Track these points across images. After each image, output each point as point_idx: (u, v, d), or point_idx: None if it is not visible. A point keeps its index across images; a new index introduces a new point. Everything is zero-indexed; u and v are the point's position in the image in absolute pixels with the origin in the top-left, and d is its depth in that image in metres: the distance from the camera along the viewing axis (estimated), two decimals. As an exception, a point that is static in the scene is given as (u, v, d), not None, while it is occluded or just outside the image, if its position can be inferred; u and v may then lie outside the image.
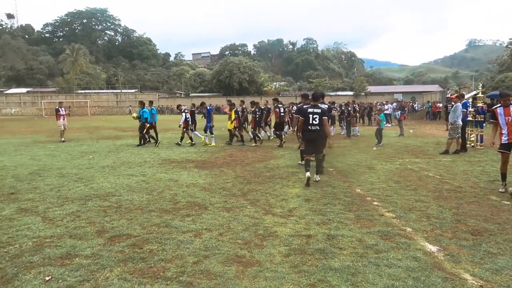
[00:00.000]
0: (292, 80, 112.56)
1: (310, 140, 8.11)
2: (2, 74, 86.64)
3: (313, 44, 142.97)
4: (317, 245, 4.56)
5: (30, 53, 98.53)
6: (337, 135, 20.31)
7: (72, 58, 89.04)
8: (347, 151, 13.64)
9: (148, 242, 4.68)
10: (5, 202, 6.63)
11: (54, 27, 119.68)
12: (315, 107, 8.13)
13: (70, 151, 14.05)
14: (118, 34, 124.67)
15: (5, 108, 67.74)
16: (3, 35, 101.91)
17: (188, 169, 10.01)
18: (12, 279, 3.70)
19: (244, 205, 6.37)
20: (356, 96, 61.41)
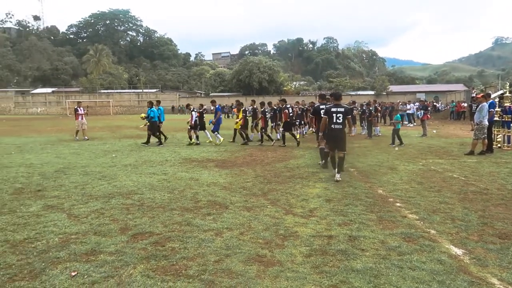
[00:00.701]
0: (312, 79, 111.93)
1: (333, 138, 8.48)
2: (29, 74, 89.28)
3: (334, 43, 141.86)
4: (338, 246, 4.52)
5: (55, 54, 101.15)
6: (358, 135, 20.05)
7: (96, 59, 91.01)
8: (368, 151, 13.48)
9: (170, 240, 4.73)
10: (33, 198, 6.83)
11: (78, 28, 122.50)
12: (338, 107, 8.48)
13: (93, 149, 14.35)
14: (140, 35, 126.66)
15: (31, 107, 69.79)
16: (30, 37, 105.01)
17: (209, 168, 10.09)
18: (40, 274, 3.81)
19: (265, 204, 6.37)
20: (377, 96, 60.57)
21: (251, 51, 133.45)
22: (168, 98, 69.40)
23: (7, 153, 13.19)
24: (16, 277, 3.75)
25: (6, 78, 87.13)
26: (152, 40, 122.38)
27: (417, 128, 23.10)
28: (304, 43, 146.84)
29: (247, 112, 16.32)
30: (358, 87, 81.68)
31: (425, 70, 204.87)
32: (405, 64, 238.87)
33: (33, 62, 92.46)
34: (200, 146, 15.31)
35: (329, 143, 8.75)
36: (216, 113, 16.12)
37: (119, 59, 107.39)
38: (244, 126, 15.97)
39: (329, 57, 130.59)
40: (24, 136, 20.71)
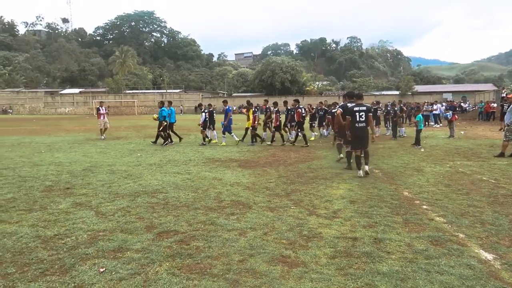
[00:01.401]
0: (335, 79, 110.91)
1: (357, 136, 8.84)
2: (57, 75, 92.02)
3: (357, 42, 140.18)
4: (363, 248, 4.46)
5: (82, 55, 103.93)
6: (382, 135, 19.76)
7: (121, 60, 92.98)
8: (393, 152, 13.24)
9: (194, 238, 4.79)
10: (62, 196, 7.03)
11: (105, 30, 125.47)
12: (360, 106, 8.89)
13: (119, 148, 14.66)
14: (164, 36, 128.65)
15: (60, 107, 71.84)
16: (59, 39, 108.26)
17: (232, 168, 10.14)
18: (70, 269, 3.92)
19: (288, 205, 6.36)
20: (402, 96, 59.47)
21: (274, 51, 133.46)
22: (191, 98, 70.18)
23: (37, 152, 13.64)
24: (48, 271, 3.88)
25: (36, 79, 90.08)
26: (176, 41, 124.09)
27: (443, 129, 22.54)
28: (327, 43, 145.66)
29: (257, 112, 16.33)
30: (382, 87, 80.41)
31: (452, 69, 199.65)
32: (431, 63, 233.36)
33: (62, 63, 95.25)
34: (223, 146, 15.40)
35: (353, 142, 9.01)
36: (226, 114, 16.18)
37: (144, 60, 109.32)
38: (254, 126, 15.93)
39: (352, 56, 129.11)
40: (53, 135, 21.36)
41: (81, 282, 3.65)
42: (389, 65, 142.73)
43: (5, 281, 3.68)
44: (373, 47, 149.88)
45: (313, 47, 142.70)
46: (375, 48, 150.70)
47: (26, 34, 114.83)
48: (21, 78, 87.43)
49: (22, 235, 4.90)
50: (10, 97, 74.01)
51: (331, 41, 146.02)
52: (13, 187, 7.73)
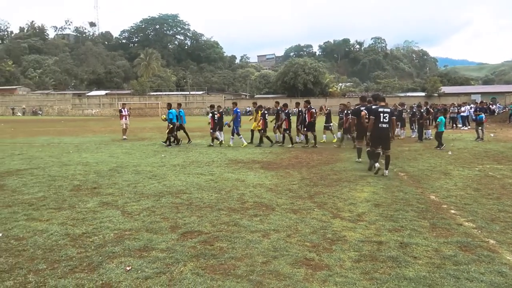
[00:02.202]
0: (358, 81, 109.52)
1: (379, 137, 9.10)
2: (85, 77, 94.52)
3: (382, 43, 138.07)
4: (389, 252, 4.38)
5: (109, 58, 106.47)
6: (408, 138, 19.38)
7: (146, 62, 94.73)
8: (418, 155, 12.97)
9: (218, 239, 4.82)
10: (89, 195, 7.21)
11: (130, 33, 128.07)
12: (385, 107, 9.19)
13: (144, 149, 14.93)
14: (187, 38, 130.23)
15: (87, 108, 73.77)
16: (86, 42, 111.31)
17: (254, 169, 10.16)
18: (97, 267, 4.02)
19: (311, 207, 6.32)
20: (428, 97, 58.18)
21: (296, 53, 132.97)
22: (214, 100, 70.69)
23: (66, 152, 14.04)
24: (77, 269, 3.99)
25: (65, 81, 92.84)
26: (199, 44, 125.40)
27: (472, 131, 21.89)
28: (350, 43, 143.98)
29: (266, 115, 16.31)
30: (407, 89, 78.85)
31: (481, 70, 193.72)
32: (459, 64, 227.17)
33: (89, 66, 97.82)
34: (246, 147, 15.44)
35: (374, 142, 9.27)
36: (233, 115, 16.29)
37: (168, 62, 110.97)
38: (264, 129, 15.93)
39: (376, 57, 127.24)
40: (81, 136, 21.95)
41: (108, 279, 3.74)
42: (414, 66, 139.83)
43: (36, 276, 3.80)
44: (398, 48, 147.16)
45: (336, 48, 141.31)
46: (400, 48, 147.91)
47: (55, 38, 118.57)
48: (51, 80, 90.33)
49: (52, 233, 5.05)
50: (40, 99, 76.59)
51: (355, 42, 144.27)
52: (43, 186, 7.98)
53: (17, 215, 5.87)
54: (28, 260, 4.19)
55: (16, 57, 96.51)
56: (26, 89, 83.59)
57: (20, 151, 14.27)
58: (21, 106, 74.30)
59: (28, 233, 5.07)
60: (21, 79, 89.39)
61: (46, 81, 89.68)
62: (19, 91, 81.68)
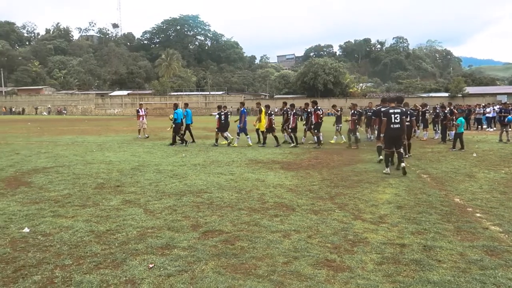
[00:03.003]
0: (379, 81, 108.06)
1: (391, 137, 9.37)
2: (107, 78, 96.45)
3: (404, 43, 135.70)
4: (412, 255, 4.31)
5: (131, 58, 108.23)
6: (430, 139, 19.01)
7: (167, 63, 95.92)
8: (442, 157, 12.69)
9: (239, 239, 4.84)
10: (113, 193, 7.36)
11: (152, 34, 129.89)
12: (395, 108, 9.41)
13: (164, 149, 15.12)
14: (207, 39, 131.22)
15: (109, 108, 75.24)
16: (109, 43, 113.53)
17: (274, 170, 10.15)
18: (121, 264, 4.10)
19: (332, 208, 6.27)
20: (452, 98, 56.88)
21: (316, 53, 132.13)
22: (234, 100, 70.97)
23: (89, 151, 14.36)
24: (101, 265, 4.07)
25: (88, 81, 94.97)
26: (219, 44, 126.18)
27: (497, 133, 21.26)
28: (371, 43, 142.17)
29: (273, 115, 16.31)
30: (430, 89, 77.22)
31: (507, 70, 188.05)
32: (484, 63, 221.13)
33: (112, 66, 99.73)
34: (265, 148, 15.45)
35: (387, 142, 9.50)
36: (241, 116, 16.33)
37: (188, 63, 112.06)
38: (270, 129, 15.90)
39: (398, 57, 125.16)
40: (104, 135, 22.40)
41: (132, 276, 3.80)
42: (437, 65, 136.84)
43: (63, 272, 3.90)
44: (420, 47, 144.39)
45: (357, 48, 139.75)
46: (423, 48, 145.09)
47: (79, 39, 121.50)
48: (75, 80, 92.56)
49: (78, 229, 5.17)
50: (65, 99, 78.56)
51: (376, 41, 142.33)
52: (68, 184, 8.18)
53: (44, 212, 6.04)
54: (54, 256, 4.31)
55: (42, 58, 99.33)
56: (52, 89, 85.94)
57: (46, 149, 14.68)
58: (47, 106, 76.43)
59: (55, 229, 5.21)
60: (47, 80, 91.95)
61: (71, 81, 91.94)
62: (45, 91, 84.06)
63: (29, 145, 16.17)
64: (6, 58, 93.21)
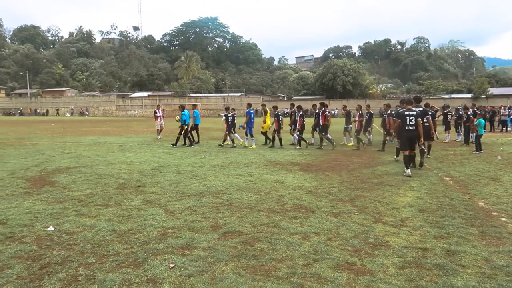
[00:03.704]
0: (399, 82, 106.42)
1: (407, 138, 9.47)
2: (128, 80, 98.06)
3: (425, 43, 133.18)
4: (435, 260, 4.23)
5: (151, 60, 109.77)
6: (453, 141, 18.60)
7: (186, 64, 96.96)
8: (465, 159, 12.40)
9: (258, 240, 4.84)
10: (134, 194, 7.47)
11: (171, 37, 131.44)
12: (410, 110, 9.49)
13: (184, 150, 15.26)
14: (226, 41, 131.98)
15: (130, 110, 76.48)
16: (130, 46, 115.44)
17: (293, 171, 10.12)
18: (143, 263, 4.16)
19: (352, 211, 6.21)
20: (475, 99, 55.51)
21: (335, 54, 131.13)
22: (252, 101, 71.08)
23: (111, 151, 14.62)
24: (123, 264, 4.14)
25: (110, 83, 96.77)
26: (237, 46, 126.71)
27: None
28: (391, 44, 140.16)
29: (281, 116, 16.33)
30: (452, 90, 75.59)
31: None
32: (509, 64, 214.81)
33: (132, 68, 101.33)
34: (284, 149, 15.42)
35: (403, 144, 9.67)
36: (246, 117, 16.51)
37: (207, 65, 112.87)
38: (278, 130, 15.97)
39: (419, 58, 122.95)
40: (124, 136, 22.78)
41: (153, 275, 3.86)
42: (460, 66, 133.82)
43: (86, 270, 3.99)
44: (442, 48, 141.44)
45: (377, 49, 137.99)
46: (445, 48, 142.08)
47: (101, 42, 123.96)
48: (97, 82, 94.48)
49: (100, 229, 5.28)
50: (87, 100, 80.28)
51: (396, 42, 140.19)
52: (91, 184, 8.36)
53: (67, 211, 6.19)
54: (78, 254, 4.40)
55: (66, 60, 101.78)
56: (74, 91, 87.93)
57: (69, 149, 15.03)
58: (70, 107, 78.27)
59: (78, 228, 5.33)
60: (70, 82, 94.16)
61: (93, 83, 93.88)
62: (68, 92, 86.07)
63: (53, 146, 16.58)
64: (32, 61, 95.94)
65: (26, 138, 20.47)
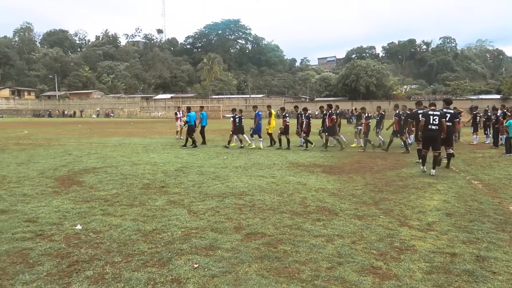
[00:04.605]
0: (424, 83, 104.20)
1: (428, 138, 9.72)
2: (152, 82, 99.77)
3: (451, 43, 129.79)
4: (464, 265, 4.11)
5: (174, 63, 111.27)
6: (481, 143, 18.06)
7: (208, 66, 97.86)
8: (494, 162, 12.02)
9: (281, 242, 4.83)
10: (158, 194, 7.58)
11: (194, 39, 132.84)
12: (434, 111, 9.74)
13: (206, 151, 15.39)
14: (248, 43, 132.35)
15: (153, 111, 77.75)
16: (154, 48, 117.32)
17: (316, 173, 10.05)
18: (167, 263, 4.21)
19: (377, 214, 6.11)
20: (504, 100, 53.74)
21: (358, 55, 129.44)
22: (274, 103, 71.04)
23: (135, 152, 14.89)
24: (148, 263, 4.20)
25: (134, 85, 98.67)
26: (259, 47, 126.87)
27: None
28: (416, 44, 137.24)
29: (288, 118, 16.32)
30: (480, 91, 73.50)
31: None
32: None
33: (156, 71, 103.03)
34: (307, 151, 15.34)
35: (424, 143, 9.90)
36: (255, 118, 16.55)
37: (229, 66, 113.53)
38: (285, 131, 16.03)
39: (445, 58, 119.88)
40: (148, 137, 23.17)
41: (177, 275, 3.90)
42: (488, 66, 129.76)
43: (113, 268, 4.07)
44: (469, 47, 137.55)
45: (401, 49, 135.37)
46: (472, 48, 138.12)
47: (126, 45, 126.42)
48: (122, 85, 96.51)
49: (126, 228, 5.38)
50: (112, 102, 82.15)
51: (421, 42, 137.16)
52: (116, 184, 8.53)
53: (94, 210, 6.33)
54: (105, 253, 4.50)
55: (92, 63, 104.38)
56: (100, 93, 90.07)
57: (96, 150, 15.39)
58: (96, 109, 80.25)
59: (105, 227, 5.44)
60: (96, 84, 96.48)
61: (118, 85, 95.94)
62: (94, 94, 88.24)
63: (80, 146, 17.03)
64: (60, 64, 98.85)
65: (54, 139, 21.11)
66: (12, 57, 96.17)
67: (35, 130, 30.59)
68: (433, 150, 9.77)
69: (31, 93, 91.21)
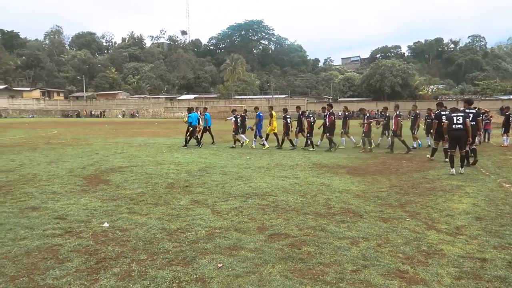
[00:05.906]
0: (452, 82, 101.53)
1: (453, 138, 9.87)
2: (176, 83, 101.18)
3: (480, 41, 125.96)
4: (495, 271, 3.97)
5: (197, 64, 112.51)
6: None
7: (231, 67, 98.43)
8: (527, 165, 11.57)
9: (305, 243, 4.79)
10: (182, 193, 7.67)
11: (217, 40, 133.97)
12: (458, 111, 10.06)
13: (229, 151, 15.47)
14: (271, 43, 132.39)
15: (177, 111, 78.82)
16: (178, 50, 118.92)
17: (340, 174, 9.94)
18: (191, 262, 4.25)
19: (403, 216, 5.99)
20: (537, 100, 51.74)
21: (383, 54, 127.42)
22: (296, 103, 70.79)
23: (160, 152, 15.12)
24: (173, 262, 4.26)
25: (159, 86, 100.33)
26: (282, 48, 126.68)
27: None
28: (444, 43, 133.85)
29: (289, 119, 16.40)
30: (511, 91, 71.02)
31: None
32: None
33: (180, 71, 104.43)
34: (329, 152, 15.20)
35: (450, 143, 10.02)
36: (256, 119, 16.82)
37: (252, 67, 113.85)
38: (287, 132, 16.21)
39: (474, 57, 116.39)
40: (172, 137, 23.50)
41: (202, 274, 3.93)
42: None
43: (139, 266, 4.14)
44: (500, 46, 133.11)
45: (428, 48, 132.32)
46: (503, 46, 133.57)
47: (151, 46, 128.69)
48: (146, 85, 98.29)
49: (151, 227, 5.46)
50: (137, 103, 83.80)
51: (449, 41, 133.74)
52: (142, 183, 8.68)
53: (120, 208, 6.46)
54: (131, 250, 4.58)
55: (118, 65, 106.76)
56: (126, 94, 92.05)
57: (122, 150, 15.72)
58: (121, 109, 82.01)
59: (131, 225, 5.54)
60: (122, 85, 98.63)
61: (143, 86, 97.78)
62: (120, 95, 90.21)
63: (107, 146, 17.43)
64: (88, 66, 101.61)
65: (82, 139, 21.69)
66: (43, 59, 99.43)
67: (64, 130, 31.53)
68: (459, 149, 9.84)
69: (60, 94, 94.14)
